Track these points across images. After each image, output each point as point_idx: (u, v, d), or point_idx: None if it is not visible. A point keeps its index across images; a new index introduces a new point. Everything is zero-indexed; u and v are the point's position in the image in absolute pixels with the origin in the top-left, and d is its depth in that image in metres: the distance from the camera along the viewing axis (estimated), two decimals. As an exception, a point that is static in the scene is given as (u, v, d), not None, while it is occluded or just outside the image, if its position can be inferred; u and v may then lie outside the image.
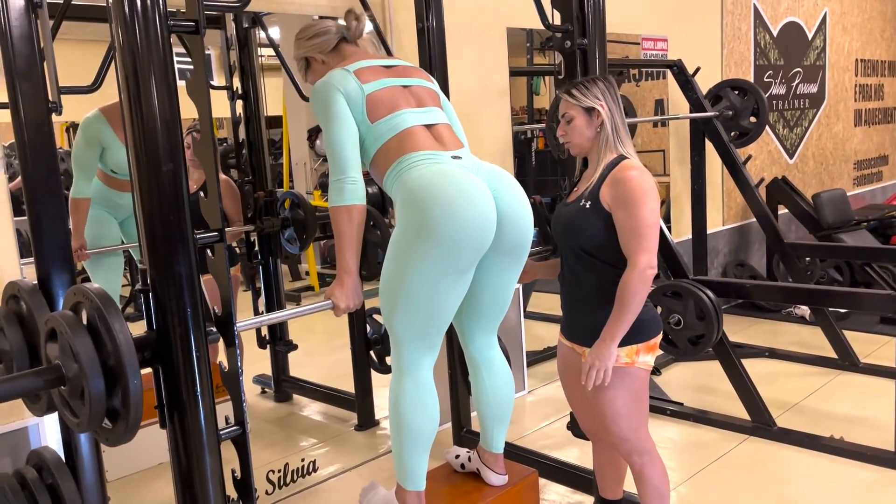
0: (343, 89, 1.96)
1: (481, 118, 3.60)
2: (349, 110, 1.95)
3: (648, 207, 1.96)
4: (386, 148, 1.96)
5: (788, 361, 4.19)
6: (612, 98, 2.07)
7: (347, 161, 1.92)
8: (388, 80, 2.04)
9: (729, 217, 5.35)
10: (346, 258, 1.93)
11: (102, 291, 1.45)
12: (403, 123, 1.98)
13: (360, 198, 1.92)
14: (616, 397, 2.07)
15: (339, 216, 1.91)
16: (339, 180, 1.91)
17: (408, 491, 2.02)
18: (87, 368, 1.38)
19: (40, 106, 1.97)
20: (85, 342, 1.40)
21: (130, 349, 1.39)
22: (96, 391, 1.38)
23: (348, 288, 1.95)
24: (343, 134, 1.94)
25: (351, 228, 1.91)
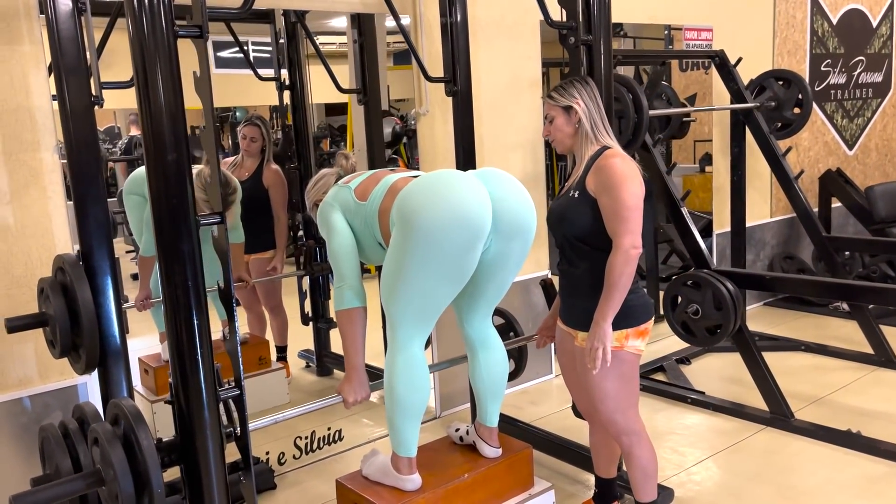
0: (337, 201, 2.21)
1: (512, 109, 3.71)
2: (346, 221, 2.18)
3: (629, 191, 2.06)
4: (384, 207, 2.12)
5: (824, 356, 4.15)
6: (589, 96, 2.19)
7: (346, 269, 2.15)
8: (370, 172, 2.28)
9: (778, 209, 5.27)
10: (350, 357, 2.16)
11: (135, 408, 1.69)
12: (391, 180, 2.17)
13: (359, 301, 2.14)
14: (604, 378, 2.18)
15: (341, 320, 2.15)
16: (340, 287, 2.14)
17: (400, 457, 2.19)
18: (119, 475, 1.61)
19: (84, 99, 2.21)
20: (118, 453, 1.63)
21: (154, 459, 1.62)
22: (126, 494, 1.62)
23: (355, 383, 2.18)
24: (341, 245, 2.16)
25: (353, 329, 2.13)
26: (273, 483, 2.97)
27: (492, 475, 2.34)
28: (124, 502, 1.63)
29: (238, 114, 11.35)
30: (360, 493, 2.21)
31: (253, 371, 3.83)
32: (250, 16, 4.12)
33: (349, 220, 2.19)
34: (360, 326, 2.14)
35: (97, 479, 1.72)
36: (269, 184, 4.01)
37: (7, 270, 2.44)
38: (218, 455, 1.80)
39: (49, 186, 2.50)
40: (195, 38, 1.69)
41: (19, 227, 2.45)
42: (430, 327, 2.15)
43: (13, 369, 2.49)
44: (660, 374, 3.99)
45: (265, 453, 3.07)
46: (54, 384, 2.56)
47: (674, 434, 3.29)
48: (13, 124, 2.42)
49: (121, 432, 1.71)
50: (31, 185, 2.47)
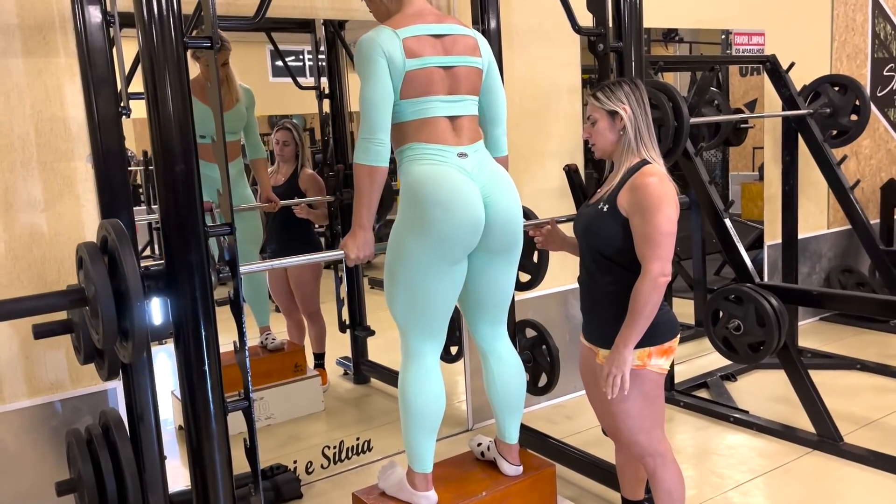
0: (387, 53, 1.97)
1: (549, 116, 3.64)
2: (388, 72, 1.98)
3: (664, 215, 1.97)
4: (405, 126, 2.05)
5: (882, 376, 3.93)
6: (637, 101, 2.09)
7: (378, 123, 1.97)
8: (432, 58, 2.04)
9: (835, 220, 5.05)
10: (361, 213, 2.03)
11: (119, 226, 1.64)
12: (428, 111, 2.04)
13: (384, 160, 1.98)
14: (627, 398, 2.09)
15: (361, 174, 1.99)
16: (366, 139, 1.97)
17: (416, 472, 2.15)
18: (100, 292, 1.58)
19: (112, 109, 2.25)
20: (100, 269, 1.59)
21: (136, 277, 1.57)
22: (108, 313, 1.57)
23: (360, 240, 2.05)
24: (378, 96, 1.96)
25: (370, 188, 1.99)
26: (299, 493, 2.96)
27: (512, 494, 2.28)
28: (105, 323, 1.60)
29: (295, 121, 11.60)
30: (374, 508, 2.18)
31: (288, 378, 3.85)
32: (292, 26, 4.18)
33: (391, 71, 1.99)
34: (377, 185, 2.00)
35: (80, 297, 1.69)
36: (306, 187, 4.04)
37: (41, 276, 2.50)
38: (224, 461, 1.79)
39: (82, 195, 2.56)
40: (205, 49, 1.70)
41: (53, 234, 2.51)
42: (441, 335, 2.11)
43: (46, 374, 2.55)
44: (703, 390, 3.85)
45: (293, 462, 3.07)
46: (85, 389, 2.61)
47: (714, 455, 3.16)
48: (48, 133, 2.48)
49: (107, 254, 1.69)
50: (65, 194, 2.53)
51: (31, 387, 2.52)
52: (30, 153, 2.45)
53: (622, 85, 2.12)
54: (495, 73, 2.21)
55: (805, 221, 4.79)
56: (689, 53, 5.09)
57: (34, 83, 2.45)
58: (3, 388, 2.47)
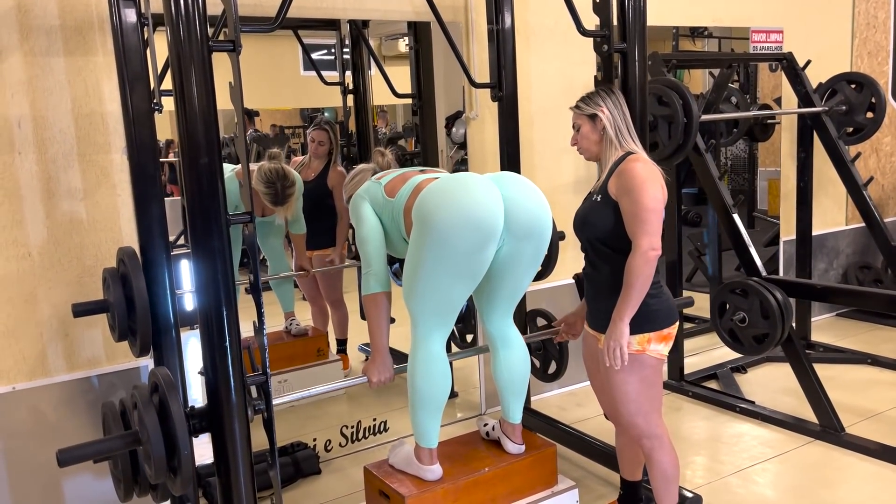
0: (367, 194, 2.35)
1: (564, 114, 3.72)
2: (374, 213, 2.32)
3: (649, 194, 2.09)
4: (409, 206, 2.24)
5: (891, 370, 3.98)
6: (614, 104, 2.24)
7: (372, 256, 2.28)
8: (402, 170, 2.39)
9: (854, 217, 5.07)
10: (375, 339, 2.30)
11: (169, 377, 1.85)
12: (417, 181, 2.28)
13: (383, 286, 2.26)
14: (625, 382, 2.21)
15: (367, 303, 2.28)
16: (366, 273, 2.28)
17: (422, 448, 2.29)
18: (152, 438, 1.78)
19: (145, 105, 2.42)
20: (152, 417, 1.80)
21: (183, 426, 1.77)
22: (158, 455, 1.78)
23: (379, 364, 2.31)
24: (369, 233, 2.30)
25: (378, 313, 2.26)
26: (318, 468, 3.13)
27: (514, 471, 2.41)
28: (156, 462, 1.80)
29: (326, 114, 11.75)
30: (383, 480, 2.32)
31: (311, 362, 4.02)
32: (318, 23, 4.33)
33: (378, 213, 2.32)
34: (383, 310, 2.27)
35: (134, 439, 1.89)
36: (333, 184, 4.19)
37: (80, 261, 2.69)
38: (244, 433, 1.94)
39: (118, 185, 2.73)
40: (228, 52, 1.85)
41: (90, 221, 2.70)
42: (450, 325, 2.24)
43: (83, 351, 2.74)
44: (712, 381, 3.94)
45: (313, 440, 3.24)
46: (119, 365, 2.79)
47: (717, 442, 3.26)
48: (87, 127, 2.66)
49: (157, 399, 1.87)
50: (102, 184, 2.71)
51: (70, 363, 2.71)
52: (70, 145, 2.64)
53: (598, 92, 2.30)
54: None
55: (823, 217, 4.84)
56: (719, 49, 5.14)
57: (74, 80, 2.63)
58: (46, 363, 2.67)
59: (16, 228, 2.57)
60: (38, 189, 2.59)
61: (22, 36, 2.52)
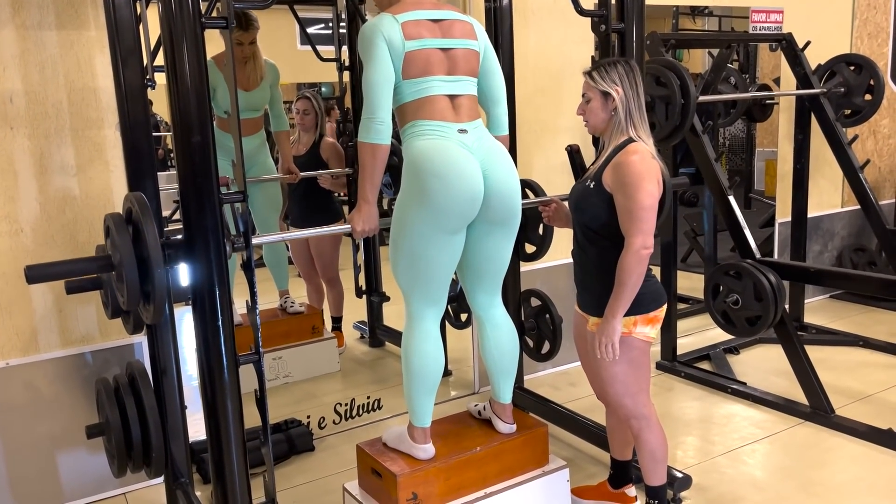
0: (387, 36, 2.10)
1: (562, 93, 3.73)
2: (388, 55, 2.10)
3: (645, 191, 2.08)
4: (407, 106, 2.18)
5: (882, 353, 4.01)
6: (630, 83, 2.18)
7: (379, 103, 2.08)
8: (430, 40, 2.17)
9: (850, 199, 5.07)
10: (365, 189, 2.17)
11: (142, 199, 1.81)
12: (428, 90, 2.16)
13: (385, 138, 2.09)
14: (614, 363, 2.23)
15: (364, 152, 2.12)
16: (369, 119, 2.10)
17: (415, 426, 2.31)
18: (125, 259, 1.75)
19: (138, 80, 2.40)
20: (125, 238, 1.76)
21: (157, 246, 1.73)
22: (132, 278, 1.75)
23: (365, 214, 2.19)
24: (380, 77, 2.09)
25: (373, 164, 2.13)
26: (311, 446, 3.15)
27: (505, 450, 2.43)
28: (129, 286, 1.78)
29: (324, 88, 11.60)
30: (375, 459, 2.34)
31: (306, 339, 4.04)
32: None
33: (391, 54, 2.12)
34: (380, 162, 2.12)
35: (107, 262, 1.88)
36: (328, 156, 4.17)
37: (73, 237, 2.68)
38: (236, 411, 1.95)
39: (111, 161, 2.72)
40: (221, 29, 1.83)
41: (84, 197, 2.69)
42: (442, 302, 2.25)
43: (77, 327, 2.74)
44: (705, 362, 3.96)
45: (307, 417, 3.26)
46: (113, 342, 2.80)
47: (708, 423, 3.29)
48: (79, 103, 2.64)
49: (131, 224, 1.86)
50: (95, 160, 2.70)
51: (64, 339, 2.72)
52: (63, 121, 2.62)
53: (617, 66, 2.21)
54: (493, 56, 2.34)
55: (819, 199, 4.84)
56: (719, 28, 5.10)
57: (67, 54, 2.60)
58: (39, 339, 2.67)
59: (8, 204, 2.56)
60: (30, 165, 2.58)
61: (14, 9, 2.49)
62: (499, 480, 2.43)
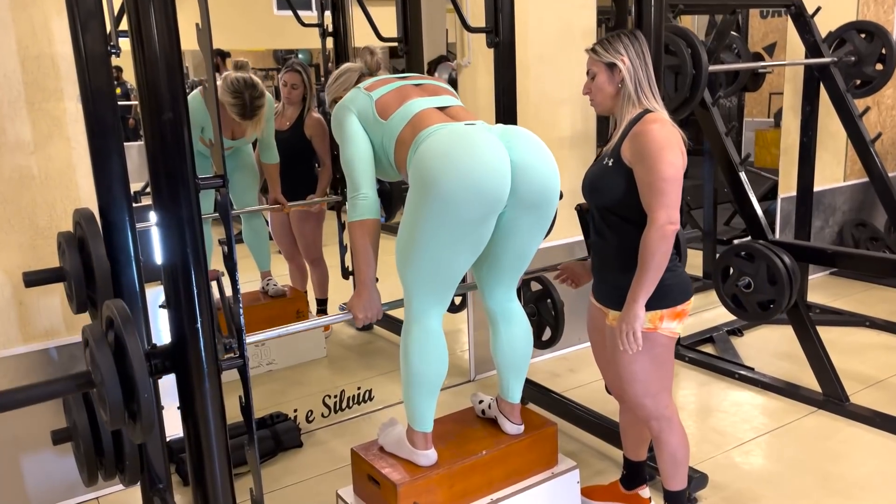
0: (354, 107, 2.05)
1: (562, 61, 3.49)
2: (362, 128, 2.03)
3: (667, 161, 1.88)
4: (402, 137, 1.98)
5: (890, 333, 3.88)
6: (637, 52, 1.99)
7: (360, 178, 2.00)
8: (398, 83, 2.09)
9: (852, 173, 4.91)
10: (362, 270, 2.03)
11: (125, 310, 1.57)
12: (415, 108, 2.00)
13: (372, 212, 2.00)
14: (634, 361, 2.04)
15: (353, 231, 2.01)
16: (353, 197, 2.01)
17: (416, 431, 2.10)
18: (106, 379, 1.51)
19: (100, 47, 2.13)
20: (105, 356, 1.52)
21: (142, 366, 1.50)
22: (114, 399, 1.52)
23: (365, 300, 2.05)
24: (356, 153, 2.01)
25: (365, 242, 2.00)
26: (299, 441, 2.95)
27: (512, 452, 2.24)
28: (112, 405, 1.54)
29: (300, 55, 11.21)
30: (372, 465, 2.14)
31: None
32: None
33: (366, 129, 2.04)
34: (373, 239, 2.01)
35: (87, 380, 1.63)
36: (312, 133, 3.92)
37: (32, 222, 2.43)
38: (218, 420, 1.74)
39: (73, 137, 2.45)
40: (195, -10, 1.57)
41: (43, 177, 2.42)
42: (448, 299, 2.03)
43: (40, 320, 2.50)
44: (708, 345, 3.80)
45: (293, 410, 3.05)
46: (80, 336, 2.55)
47: (717, 412, 3.13)
48: (35, 72, 2.36)
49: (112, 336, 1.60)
50: (54, 135, 2.43)
51: (26, 333, 2.48)
52: (17, 92, 2.35)
53: (620, 37, 2.03)
54: None
55: (821, 173, 4.67)
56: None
57: (20, 17, 2.32)
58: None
59: (-43, 186, 2.30)
60: (-19, 142, 2.31)
61: (-44, -35, 2.21)
62: (506, 485, 2.25)
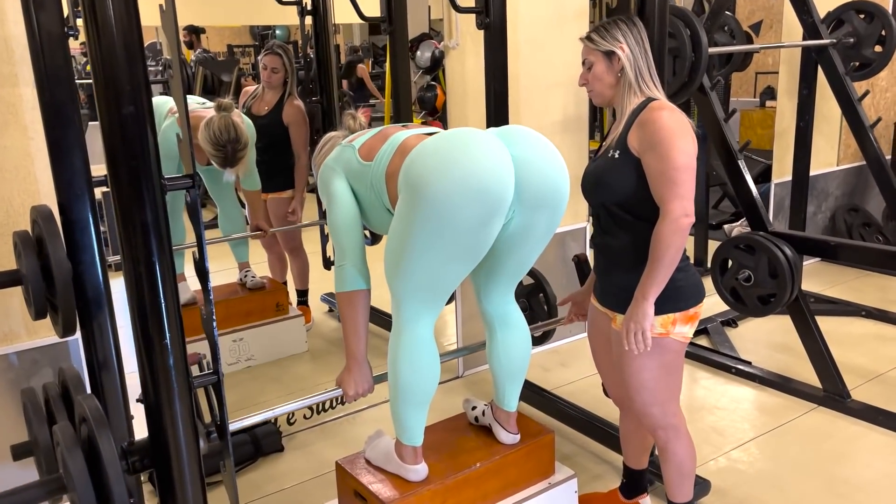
0: (339, 165, 1.93)
1: (553, 43, 3.32)
2: (349, 189, 1.91)
3: (679, 148, 1.74)
4: (392, 170, 1.82)
5: (888, 323, 3.79)
6: (636, 40, 1.86)
7: (348, 245, 1.88)
8: (379, 128, 1.98)
9: (845, 157, 4.81)
10: (350, 344, 1.92)
11: (98, 410, 1.43)
12: (400, 138, 1.86)
13: (360, 283, 1.87)
14: (643, 368, 1.91)
15: (342, 303, 1.89)
16: (341, 266, 1.88)
17: (404, 445, 1.96)
18: (78, 486, 1.37)
19: (57, 28, 1.94)
20: (77, 461, 1.39)
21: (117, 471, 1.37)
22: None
23: (356, 375, 1.95)
24: (342, 217, 1.89)
25: (354, 314, 1.88)
26: (280, 445, 2.80)
27: (508, 463, 2.11)
28: None
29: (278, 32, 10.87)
30: (359, 480, 2.00)
31: (269, 318, 3.65)
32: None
33: (353, 186, 1.91)
34: (361, 310, 1.89)
35: (59, 485, 1.52)
36: (290, 121, 3.73)
37: (-14, 219, 2.24)
38: (193, 457, 1.58)
39: (30, 126, 2.26)
40: None
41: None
42: (440, 306, 1.88)
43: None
44: (703, 337, 3.69)
45: (273, 412, 2.90)
46: (42, 340, 2.38)
47: (716, 409, 3.02)
48: (-14, 55, 2.16)
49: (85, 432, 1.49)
50: (10, 124, 2.23)
51: (-18, 338, 2.30)
52: (-34, 77, 2.15)
53: (617, 23, 1.89)
54: None
55: (815, 158, 4.55)
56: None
57: (-32, -5, 2.12)
58: (-49, 340, 2.25)
59: None
60: (-73, 132, 2.11)
61: None
62: (501, 497, 2.12)
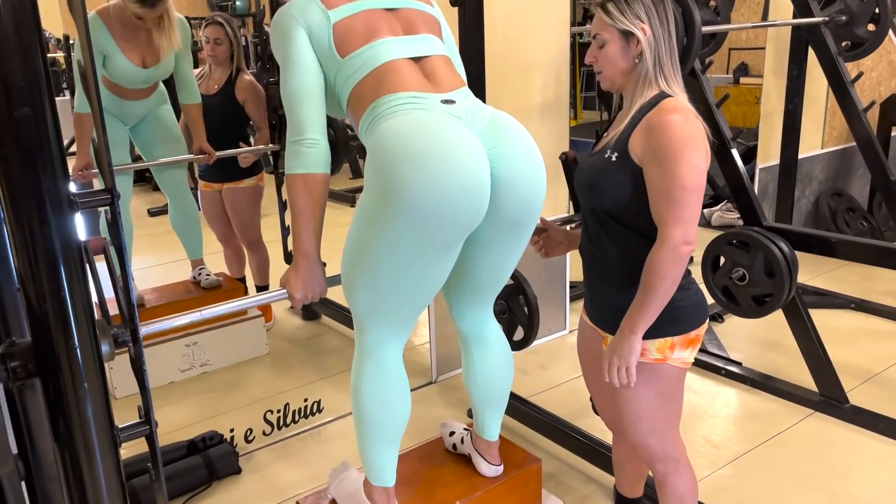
0: (304, 21, 1.56)
1: (533, 19, 3.07)
2: (311, 50, 1.55)
3: (689, 163, 1.50)
4: (360, 90, 1.55)
5: (879, 317, 3.64)
6: (661, 20, 1.58)
7: (306, 119, 1.55)
8: (365, 1, 1.59)
9: (830, 139, 4.65)
10: (301, 238, 1.58)
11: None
12: (382, 56, 1.55)
13: (320, 165, 1.55)
14: (639, 397, 1.69)
15: (294, 187, 1.55)
16: (296, 142, 1.54)
17: (374, 486, 1.73)
18: None
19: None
20: None
21: None
22: None
23: (304, 275, 1.61)
24: (301, 85, 1.55)
25: (308, 202, 1.54)
26: (237, 467, 2.55)
27: (490, 499, 1.90)
28: None
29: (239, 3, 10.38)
30: (323, 525, 1.77)
31: (227, 320, 3.37)
32: None
33: (318, 54, 1.57)
34: (319, 198, 1.57)
35: None
36: (245, 98, 3.43)
37: None
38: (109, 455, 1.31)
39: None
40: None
41: None
42: (409, 329, 1.64)
43: None
44: (689, 334, 3.51)
45: (230, 430, 2.64)
46: None
47: (706, 417, 2.83)
48: None
49: None
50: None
51: None
52: None
53: None
54: (451, 43, 1.77)
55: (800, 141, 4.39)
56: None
57: None
58: None
59: None
60: None
61: None
62: (482, 536, 1.91)
